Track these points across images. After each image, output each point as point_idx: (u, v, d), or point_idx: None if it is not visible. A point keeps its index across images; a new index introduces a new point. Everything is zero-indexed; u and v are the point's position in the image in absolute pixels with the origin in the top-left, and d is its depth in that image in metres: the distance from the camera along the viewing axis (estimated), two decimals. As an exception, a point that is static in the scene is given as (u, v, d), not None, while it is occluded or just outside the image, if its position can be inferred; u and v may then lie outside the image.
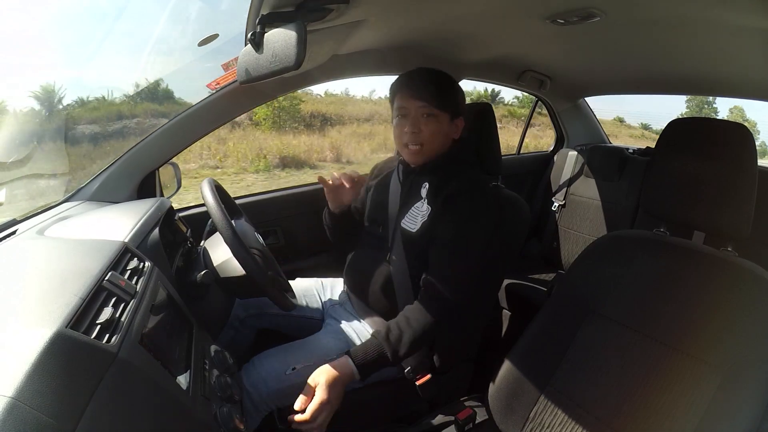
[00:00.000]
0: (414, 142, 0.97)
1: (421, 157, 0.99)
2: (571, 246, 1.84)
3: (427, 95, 0.94)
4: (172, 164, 1.20)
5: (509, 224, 1.02)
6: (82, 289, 0.52)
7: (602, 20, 0.93)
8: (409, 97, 0.96)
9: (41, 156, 1.22)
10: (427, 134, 0.96)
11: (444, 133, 0.98)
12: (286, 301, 0.87)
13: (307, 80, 1.28)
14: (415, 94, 0.95)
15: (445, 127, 0.98)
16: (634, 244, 0.80)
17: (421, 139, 0.96)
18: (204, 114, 1.16)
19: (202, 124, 1.18)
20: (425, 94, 0.95)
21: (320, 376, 0.82)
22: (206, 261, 0.89)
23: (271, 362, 0.94)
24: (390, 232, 1.03)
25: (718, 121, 0.76)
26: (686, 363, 0.65)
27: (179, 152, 1.19)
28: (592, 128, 2.19)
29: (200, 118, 1.16)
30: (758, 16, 0.82)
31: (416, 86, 0.96)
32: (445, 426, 0.86)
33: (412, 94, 0.96)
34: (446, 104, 0.96)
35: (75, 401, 0.40)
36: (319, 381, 0.81)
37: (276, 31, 0.67)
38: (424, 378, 0.98)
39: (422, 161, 1.00)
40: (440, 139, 0.98)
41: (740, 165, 0.69)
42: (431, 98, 0.94)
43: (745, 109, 11.90)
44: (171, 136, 1.15)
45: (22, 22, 8.49)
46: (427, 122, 0.95)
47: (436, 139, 0.97)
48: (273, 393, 0.90)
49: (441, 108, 0.95)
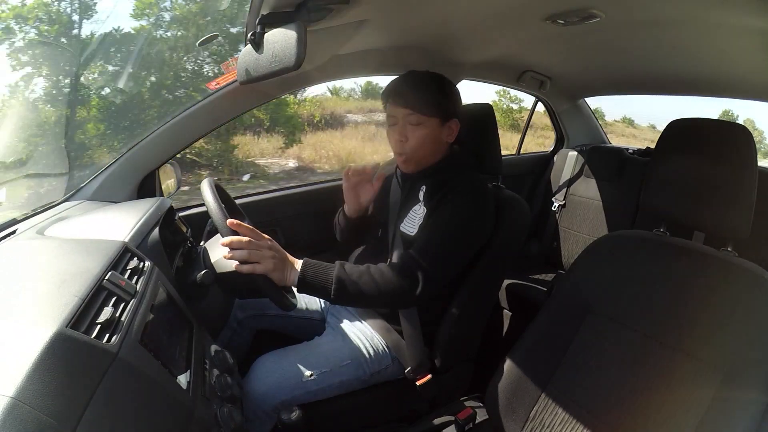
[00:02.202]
0: (401, 151, 0.96)
1: (410, 165, 0.99)
2: (571, 246, 1.84)
3: (414, 102, 0.93)
4: (171, 164, 1.20)
5: (509, 225, 1.01)
6: (82, 289, 0.52)
7: (602, 20, 0.93)
8: (395, 105, 0.95)
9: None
10: (414, 142, 0.95)
11: (434, 138, 0.96)
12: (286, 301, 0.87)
13: (307, 80, 1.28)
14: (401, 101, 0.94)
15: (435, 133, 0.95)
16: (634, 244, 0.80)
17: (407, 148, 0.95)
18: (204, 114, 1.16)
19: (202, 124, 1.18)
20: (411, 100, 0.93)
21: (280, 251, 0.81)
22: (206, 261, 0.89)
23: (283, 367, 0.91)
24: (390, 236, 1.04)
25: (718, 121, 0.76)
26: (686, 363, 0.65)
27: (179, 152, 1.19)
28: (592, 128, 2.19)
29: (200, 118, 1.16)
30: (758, 16, 0.82)
31: (403, 93, 0.95)
32: (445, 426, 0.86)
33: (398, 101, 0.95)
34: (435, 109, 0.94)
35: (75, 401, 0.40)
36: (275, 246, 0.80)
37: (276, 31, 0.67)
38: (424, 378, 0.98)
39: (413, 168, 0.99)
40: (430, 146, 0.96)
41: (740, 165, 0.69)
42: (418, 105, 0.93)
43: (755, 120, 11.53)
44: (171, 135, 1.15)
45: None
46: (414, 130, 0.94)
47: (425, 146, 0.95)
48: (288, 400, 0.88)
49: (429, 113, 0.93)
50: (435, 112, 0.94)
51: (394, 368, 0.99)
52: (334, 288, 0.82)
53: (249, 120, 7.25)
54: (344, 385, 0.94)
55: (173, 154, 1.18)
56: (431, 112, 0.94)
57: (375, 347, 0.98)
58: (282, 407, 0.88)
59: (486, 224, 0.96)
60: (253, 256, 0.76)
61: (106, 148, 5.44)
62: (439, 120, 0.95)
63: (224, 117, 1.22)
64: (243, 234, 0.78)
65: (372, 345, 0.98)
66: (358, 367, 0.95)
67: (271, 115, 7.40)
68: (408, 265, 0.87)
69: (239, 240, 0.76)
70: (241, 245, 0.76)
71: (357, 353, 0.96)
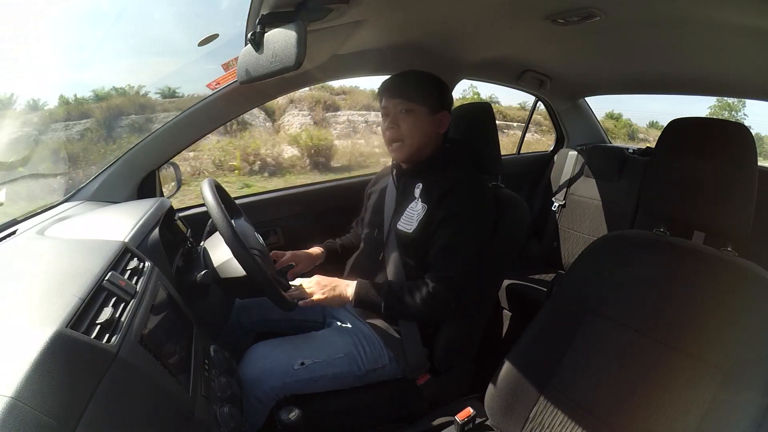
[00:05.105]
0: (393, 138, 0.99)
1: (403, 153, 1.01)
2: (571, 246, 1.84)
3: (404, 92, 0.98)
4: (172, 164, 1.20)
5: (508, 224, 1.01)
6: (82, 289, 0.52)
7: (602, 20, 0.93)
8: (388, 97, 1.00)
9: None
10: (406, 129, 0.98)
11: (424, 126, 0.99)
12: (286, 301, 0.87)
13: (307, 80, 1.28)
14: (392, 93, 1.00)
15: (425, 121, 0.99)
16: (634, 244, 0.80)
17: (399, 135, 0.99)
18: (204, 114, 1.16)
19: (202, 124, 1.18)
20: (402, 91, 0.98)
21: (325, 280, 0.94)
22: (206, 261, 0.89)
23: (275, 354, 0.93)
24: (384, 235, 1.04)
25: (718, 120, 0.76)
26: (686, 363, 0.65)
27: (179, 152, 1.19)
28: (592, 128, 2.19)
29: (200, 118, 1.16)
30: (758, 16, 0.82)
31: (394, 86, 1.00)
32: (445, 426, 0.86)
33: (390, 94, 1.00)
34: (424, 98, 0.98)
35: (75, 401, 0.40)
36: (322, 280, 0.94)
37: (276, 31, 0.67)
38: (424, 378, 0.99)
39: (407, 158, 1.02)
40: (421, 133, 0.99)
41: (740, 165, 0.69)
42: (408, 94, 0.98)
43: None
44: (171, 136, 1.15)
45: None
46: (405, 117, 0.98)
47: (416, 133, 0.98)
48: (278, 387, 0.90)
49: (418, 102, 0.97)
50: (424, 102, 0.98)
51: (392, 368, 0.99)
52: (384, 305, 0.92)
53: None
54: (338, 378, 0.95)
55: (173, 154, 1.18)
56: (421, 101, 0.98)
57: (372, 345, 0.99)
58: (273, 393, 0.90)
59: (487, 221, 0.97)
60: (306, 292, 0.93)
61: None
62: (429, 109, 0.99)
63: (224, 117, 1.22)
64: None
65: (368, 343, 0.99)
66: (352, 362, 0.96)
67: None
68: (436, 281, 0.92)
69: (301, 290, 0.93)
70: (302, 293, 0.92)
71: (351, 348, 0.97)
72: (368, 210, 1.15)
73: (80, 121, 6.93)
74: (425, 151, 1.01)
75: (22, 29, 7.79)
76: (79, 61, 10.82)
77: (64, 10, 13.17)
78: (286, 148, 7.43)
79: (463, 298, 0.92)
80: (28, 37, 9.12)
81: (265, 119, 8.53)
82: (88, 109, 7.43)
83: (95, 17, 13.79)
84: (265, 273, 0.83)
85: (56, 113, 7.43)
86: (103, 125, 6.95)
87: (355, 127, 8.75)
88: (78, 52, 11.58)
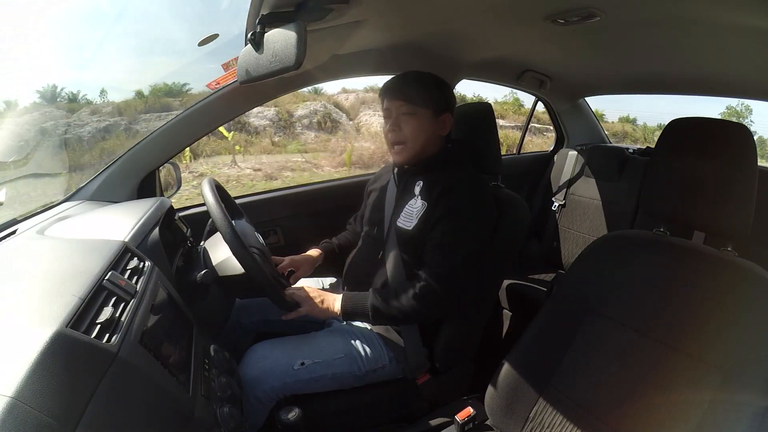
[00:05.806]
0: (396, 141, 0.99)
1: (405, 156, 1.00)
2: (571, 246, 1.84)
3: (407, 94, 0.97)
4: (172, 164, 1.20)
5: (508, 224, 1.01)
6: (82, 289, 0.52)
7: (602, 20, 0.93)
8: (390, 98, 0.99)
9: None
10: (408, 132, 0.97)
11: (427, 129, 0.98)
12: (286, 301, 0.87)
13: (307, 80, 1.28)
14: (394, 95, 0.99)
15: (428, 124, 0.98)
16: (634, 244, 0.80)
17: (402, 138, 0.98)
18: (204, 114, 1.16)
19: (202, 123, 1.18)
20: (405, 93, 0.97)
21: (314, 292, 0.94)
22: (206, 261, 0.89)
23: (275, 354, 0.93)
24: (384, 232, 1.04)
25: (718, 120, 0.76)
26: (686, 363, 0.65)
27: (179, 152, 1.19)
28: (592, 128, 2.19)
29: (200, 118, 1.16)
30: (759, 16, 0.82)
31: (397, 87, 0.99)
32: (445, 426, 0.86)
33: (392, 95, 0.99)
34: (427, 101, 0.97)
35: (75, 401, 0.40)
36: (311, 292, 0.94)
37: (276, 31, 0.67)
38: (424, 378, 0.99)
39: (409, 160, 1.01)
40: (423, 136, 0.98)
41: (740, 165, 0.69)
42: (410, 96, 0.97)
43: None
44: (171, 135, 1.15)
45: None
46: (407, 120, 0.97)
47: (419, 136, 0.98)
48: (278, 387, 0.90)
49: (421, 105, 0.97)
50: (427, 104, 0.97)
51: (392, 368, 0.99)
52: (371, 314, 0.92)
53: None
54: (338, 378, 0.95)
55: (173, 154, 1.18)
56: (423, 104, 0.97)
57: (372, 345, 0.99)
58: (273, 393, 0.90)
59: (487, 220, 0.97)
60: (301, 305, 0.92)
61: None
62: (431, 112, 0.98)
63: (224, 117, 1.22)
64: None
65: (369, 343, 0.99)
66: (352, 363, 0.96)
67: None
68: (428, 277, 0.91)
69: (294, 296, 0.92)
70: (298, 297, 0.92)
71: (351, 349, 0.97)
72: (368, 207, 1.15)
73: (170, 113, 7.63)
74: (428, 152, 1.00)
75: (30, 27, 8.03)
76: (79, 61, 11.15)
77: (64, 10, 13.20)
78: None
79: (454, 291, 0.92)
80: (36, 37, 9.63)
81: (347, 120, 9.13)
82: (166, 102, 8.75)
83: (95, 17, 13.91)
84: (264, 272, 0.83)
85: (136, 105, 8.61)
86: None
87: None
88: (77, 52, 11.82)
